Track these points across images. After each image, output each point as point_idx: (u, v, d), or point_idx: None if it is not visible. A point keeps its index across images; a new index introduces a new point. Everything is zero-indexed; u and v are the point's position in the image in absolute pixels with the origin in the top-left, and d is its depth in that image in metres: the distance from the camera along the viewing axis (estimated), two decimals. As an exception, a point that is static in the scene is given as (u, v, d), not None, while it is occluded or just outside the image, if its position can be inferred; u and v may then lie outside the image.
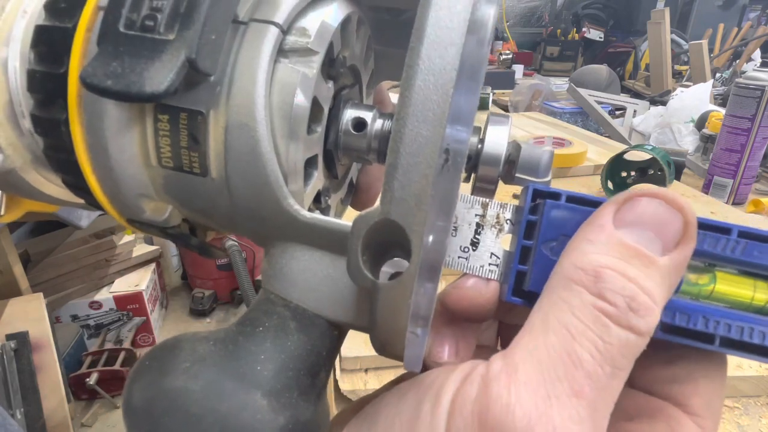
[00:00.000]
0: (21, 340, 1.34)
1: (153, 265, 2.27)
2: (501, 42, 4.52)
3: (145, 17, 0.20)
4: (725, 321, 0.20)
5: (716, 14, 4.31)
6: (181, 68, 0.19)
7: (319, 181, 0.26)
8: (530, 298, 0.22)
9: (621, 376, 0.18)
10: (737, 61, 2.82)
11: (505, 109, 2.47)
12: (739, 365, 0.63)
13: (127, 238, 2.15)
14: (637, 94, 2.78)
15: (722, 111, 1.49)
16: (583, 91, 2.18)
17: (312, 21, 0.23)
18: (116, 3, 0.21)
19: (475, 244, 0.23)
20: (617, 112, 2.24)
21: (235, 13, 0.21)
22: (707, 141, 1.49)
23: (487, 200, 0.24)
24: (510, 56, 3.62)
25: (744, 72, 1.90)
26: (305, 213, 0.22)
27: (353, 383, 0.62)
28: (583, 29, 4.50)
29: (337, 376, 0.63)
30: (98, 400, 1.91)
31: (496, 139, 0.24)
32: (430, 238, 0.17)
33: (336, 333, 0.23)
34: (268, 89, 0.22)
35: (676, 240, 0.18)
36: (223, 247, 2.31)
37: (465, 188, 0.29)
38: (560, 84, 2.92)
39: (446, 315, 0.24)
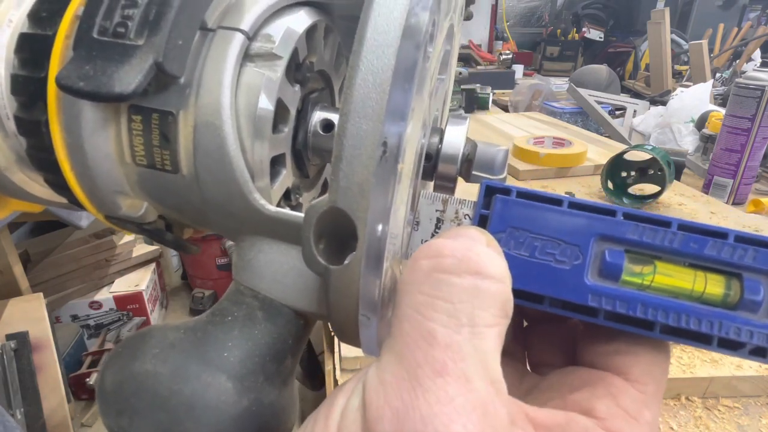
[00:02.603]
0: (21, 340, 1.35)
1: (153, 265, 2.28)
2: (501, 42, 4.54)
3: (117, 24, 0.22)
4: (663, 309, 0.21)
5: (716, 14, 4.30)
6: (149, 71, 0.21)
7: (287, 179, 0.27)
8: None
9: (488, 334, 0.17)
10: (737, 61, 2.82)
11: (505, 109, 2.48)
12: (738, 365, 0.63)
13: (127, 238, 2.16)
14: (637, 94, 2.78)
15: (722, 111, 1.49)
16: (583, 91, 2.19)
17: (277, 28, 0.25)
18: (91, 11, 0.22)
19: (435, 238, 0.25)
20: (617, 112, 2.24)
21: (203, 21, 0.23)
22: (707, 141, 1.49)
23: (447, 196, 0.25)
24: (510, 56, 3.63)
25: (744, 72, 1.90)
26: (270, 207, 0.24)
27: (352, 383, 0.63)
28: (583, 29, 4.51)
29: (337, 376, 0.64)
30: (99, 400, 1.92)
31: (454, 139, 0.25)
32: (379, 228, 0.18)
33: (302, 322, 0.25)
34: (234, 91, 0.23)
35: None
36: (222, 247, 2.33)
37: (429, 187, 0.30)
38: (560, 84, 2.92)
39: None
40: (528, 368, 0.27)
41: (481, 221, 0.23)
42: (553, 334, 0.26)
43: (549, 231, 0.22)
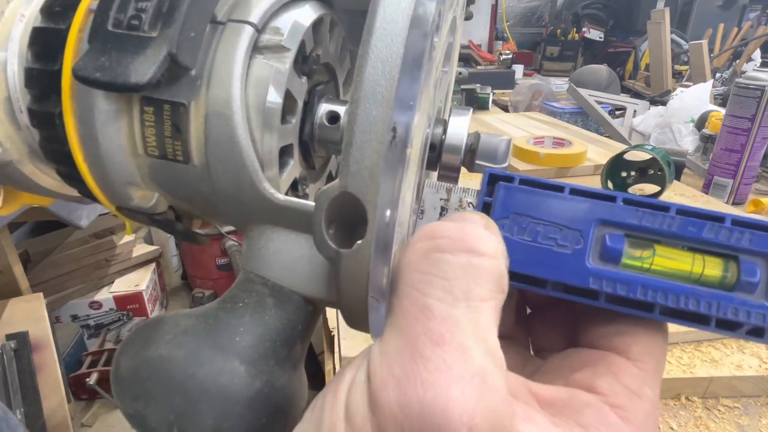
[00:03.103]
0: (21, 340, 1.35)
1: (153, 265, 2.28)
2: (501, 42, 4.54)
3: (131, 17, 0.22)
4: (663, 291, 0.21)
5: (716, 14, 4.31)
6: (163, 62, 0.21)
7: (295, 170, 0.28)
8: None
9: (484, 307, 0.18)
10: (737, 61, 2.83)
11: (505, 109, 2.48)
12: (738, 365, 0.63)
13: (127, 238, 2.16)
14: (637, 94, 2.79)
15: (722, 111, 1.49)
16: (583, 91, 2.19)
17: (285, 21, 0.25)
18: (105, 5, 0.23)
19: None
20: (617, 112, 2.24)
21: (213, 14, 0.24)
22: (707, 141, 1.49)
23: (451, 185, 0.25)
24: (510, 56, 3.63)
25: (744, 72, 1.90)
26: (280, 196, 0.24)
27: (353, 381, 0.63)
28: (583, 29, 4.51)
29: None
30: (98, 400, 1.92)
31: (458, 130, 0.26)
32: (387, 213, 0.18)
33: (311, 308, 0.25)
34: (243, 82, 0.24)
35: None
36: (222, 247, 2.33)
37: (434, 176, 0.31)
38: (560, 84, 2.92)
39: None
40: (532, 353, 0.28)
41: (485, 208, 0.24)
42: (556, 320, 0.27)
43: (551, 216, 0.23)
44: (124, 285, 2.13)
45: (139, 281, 2.15)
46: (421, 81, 0.18)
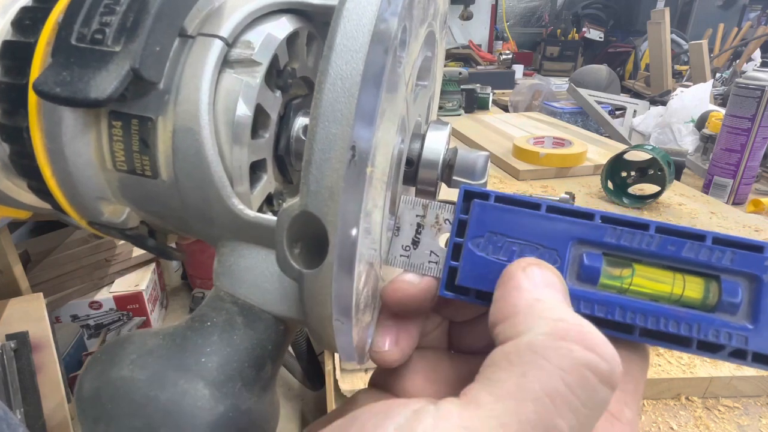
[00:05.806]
0: (21, 340, 1.35)
1: (153, 265, 2.28)
2: (501, 42, 4.53)
3: (95, 31, 0.22)
4: (642, 312, 0.21)
5: (716, 14, 4.30)
6: (126, 77, 0.21)
7: (269, 185, 0.27)
8: (462, 292, 0.23)
9: None
10: (737, 61, 2.82)
11: (505, 109, 2.47)
12: (739, 365, 0.63)
13: (127, 239, 2.16)
14: (637, 94, 2.77)
15: (722, 111, 1.49)
16: (583, 91, 2.18)
17: (257, 35, 0.25)
18: (70, 18, 0.22)
19: (416, 243, 0.25)
20: (617, 112, 2.24)
21: (183, 28, 0.23)
22: (707, 141, 1.49)
23: (428, 201, 0.25)
24: (510, 56, 3.62)
25: (744, 72, 1.89)
26: (249, 212, 0.24)
27: (353, 383, 0.62)
28: (583, 29, 4.49)
29: (337, 376, 0.63)
30: (99, 400, 1.92)
31: (435, 145, 0.25)
32: (353, 232, 0.18)
33: (282, 328, 0.25)
34: (212, 97, 0.23)
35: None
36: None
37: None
38: (560, 84, 2.92)
39: (386, 309, 0.25)
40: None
41: (461, 226, 0.23)
42: None
43: (527, 235, 0.22)
44: (124, 285, 2.12)
45: (139, 281, 2.15)
46: (382, 98, 0.17)
